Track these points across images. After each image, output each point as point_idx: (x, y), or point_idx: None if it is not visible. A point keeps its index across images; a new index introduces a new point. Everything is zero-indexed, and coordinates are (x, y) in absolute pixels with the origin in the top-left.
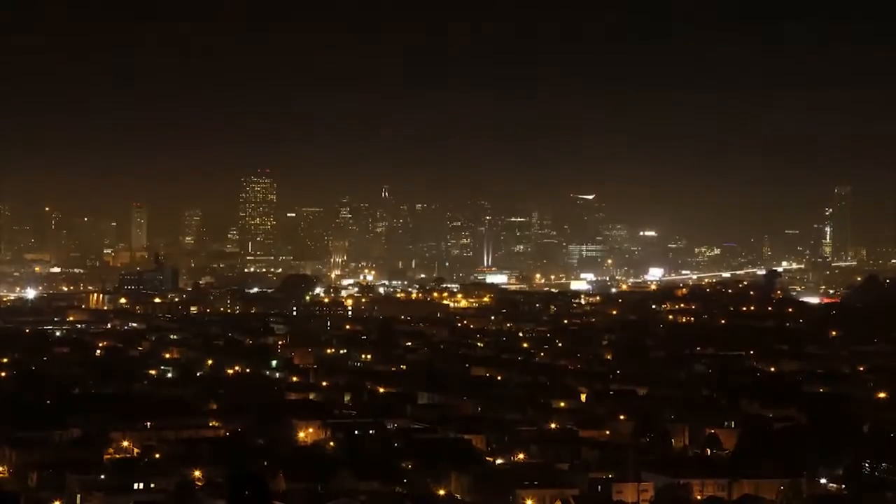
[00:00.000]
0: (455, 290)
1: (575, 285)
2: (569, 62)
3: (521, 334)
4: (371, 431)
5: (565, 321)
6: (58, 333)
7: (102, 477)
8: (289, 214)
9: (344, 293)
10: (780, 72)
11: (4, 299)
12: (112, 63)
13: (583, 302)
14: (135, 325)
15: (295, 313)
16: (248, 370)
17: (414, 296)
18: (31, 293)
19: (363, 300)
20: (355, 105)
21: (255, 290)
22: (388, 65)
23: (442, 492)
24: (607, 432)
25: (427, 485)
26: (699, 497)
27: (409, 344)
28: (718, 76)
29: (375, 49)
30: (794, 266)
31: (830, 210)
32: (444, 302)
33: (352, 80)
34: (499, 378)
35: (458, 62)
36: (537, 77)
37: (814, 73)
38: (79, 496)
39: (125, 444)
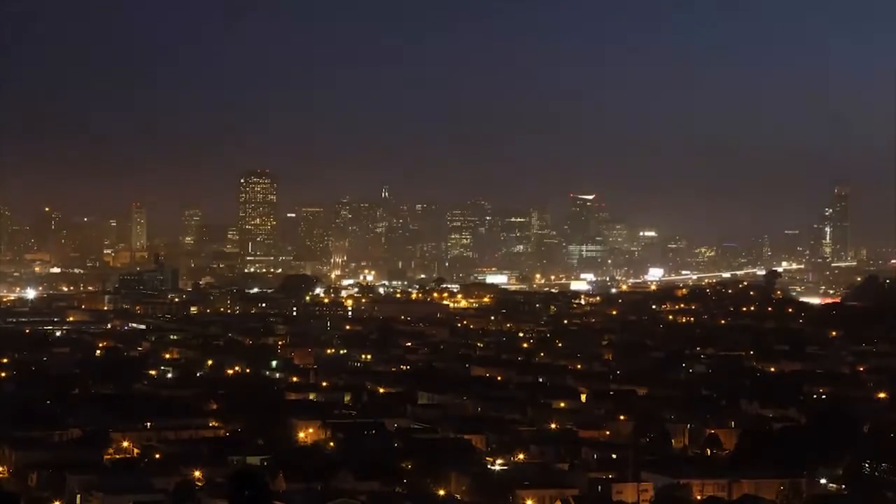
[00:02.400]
0: (455, 290)
1: (575, 285)
2: (569, 63)
3: (521, 334)
4: (371, 431)
5: (565, 321)
6: (58, 333)
7: (103, 477)
8: (289, 214)
9: (344, 293)
10: (779, 72)
11: (4, 299)
12: (112, 62)
13: (583, 302)
14: (135, 325)
15: (295, 313)
16: (248, 370)
17: (414, 296)
18: (31, 293)
19: (363, 300)
20: (356, 105)
21: (255, 290)
22: (389, 66)
23: (442, 492)
24: (607, 432)
25: (427, 485)
26: (699, 497)
27: (409, 344)
28: (718, 76)
29: (376, 50)
30: (794, 266)
31: (830, 210)
32: (444, 302)
33: (352, 80)
34: (499, 378)
35: (457, 62)
36: (537, 77)
37: (813, 73)
38: (79, 496)
39: (125, 444)
